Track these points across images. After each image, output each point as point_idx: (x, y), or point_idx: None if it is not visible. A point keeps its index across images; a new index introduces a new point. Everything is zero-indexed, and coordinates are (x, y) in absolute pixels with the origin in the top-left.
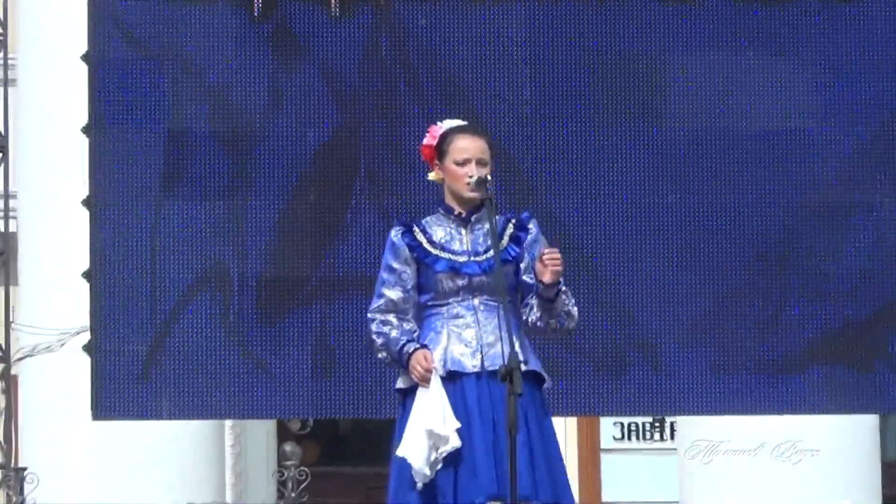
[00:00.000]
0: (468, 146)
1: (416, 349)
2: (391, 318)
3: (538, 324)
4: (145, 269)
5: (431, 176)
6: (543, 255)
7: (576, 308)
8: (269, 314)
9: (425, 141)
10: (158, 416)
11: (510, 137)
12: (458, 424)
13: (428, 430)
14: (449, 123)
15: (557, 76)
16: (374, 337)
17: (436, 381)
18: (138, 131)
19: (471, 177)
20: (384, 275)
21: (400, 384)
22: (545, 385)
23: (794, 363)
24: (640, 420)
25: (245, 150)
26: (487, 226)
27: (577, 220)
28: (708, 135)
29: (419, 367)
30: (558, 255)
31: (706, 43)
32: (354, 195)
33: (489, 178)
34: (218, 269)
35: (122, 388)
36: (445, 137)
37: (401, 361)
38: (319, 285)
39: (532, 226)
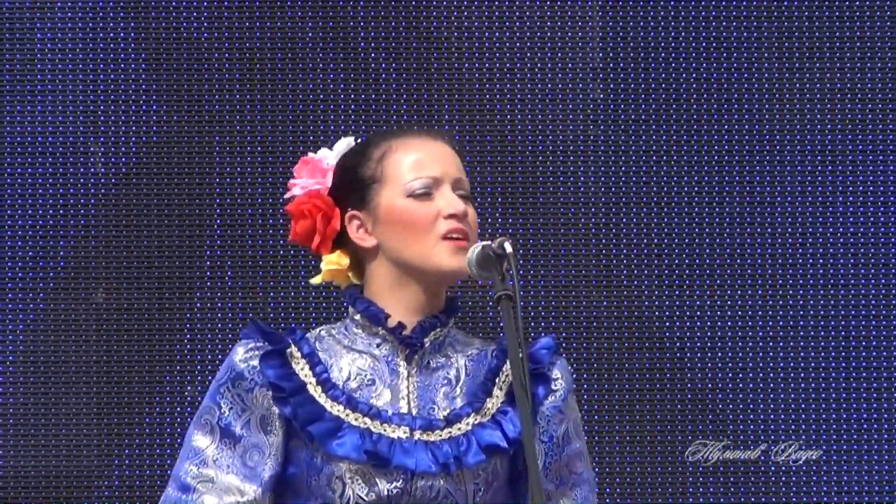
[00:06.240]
0: (431, 154)
1: None
2: None
3: None
4: None
5: (316, 279)
6: None
7: None
8: None
9: (297, 188)
10: None
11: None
12: None
13: None
14: (347, 143)
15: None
16: None
17: None
18: None
19: (451, 215)
20: (196, 445)
21: None
22: None
23: None
24: None
25: None
26: (463, 359)
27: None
28: None
29: None
30: None
31: None
32: (198, 284)
33: (507, 249)
34: None
35: None
36: (360, 157)
37: None
38: None
39: (559, 371)
